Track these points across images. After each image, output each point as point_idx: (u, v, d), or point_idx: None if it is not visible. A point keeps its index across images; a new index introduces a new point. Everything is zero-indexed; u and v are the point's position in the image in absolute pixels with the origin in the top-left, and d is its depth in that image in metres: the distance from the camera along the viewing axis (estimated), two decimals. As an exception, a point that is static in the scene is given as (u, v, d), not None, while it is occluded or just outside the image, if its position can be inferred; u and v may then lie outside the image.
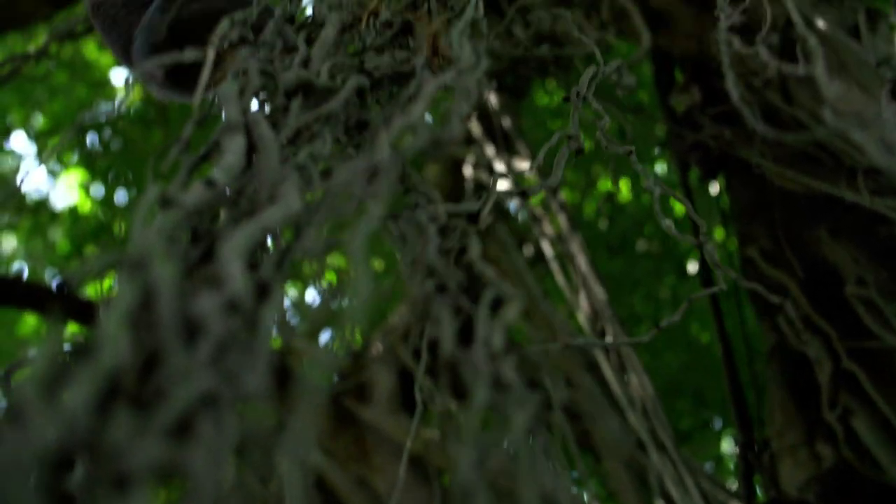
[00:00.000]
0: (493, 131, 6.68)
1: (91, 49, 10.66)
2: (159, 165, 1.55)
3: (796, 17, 2.73)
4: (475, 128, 6.53)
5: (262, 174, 1.45)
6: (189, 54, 1.80)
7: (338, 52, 2.19)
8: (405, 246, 1.65)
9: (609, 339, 5.78)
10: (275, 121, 1.74)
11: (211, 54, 1.79)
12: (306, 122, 1.70)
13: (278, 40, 2.04)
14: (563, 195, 8.33)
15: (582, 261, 6.39)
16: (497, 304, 1.31)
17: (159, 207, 1.36)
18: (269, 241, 1.59)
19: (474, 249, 1.55)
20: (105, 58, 10.95)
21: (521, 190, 2.17)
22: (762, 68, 4.95)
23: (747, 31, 2.91)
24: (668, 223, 2.25)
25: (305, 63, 1.98)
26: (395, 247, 1.73)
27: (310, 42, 2.13)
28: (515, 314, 1.30)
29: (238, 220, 1.50)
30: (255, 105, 1.78)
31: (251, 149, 1.58)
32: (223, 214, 1.51)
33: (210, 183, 1.39)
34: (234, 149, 1.47)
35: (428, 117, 1.92)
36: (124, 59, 3.02)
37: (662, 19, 6.61)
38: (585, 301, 6.16)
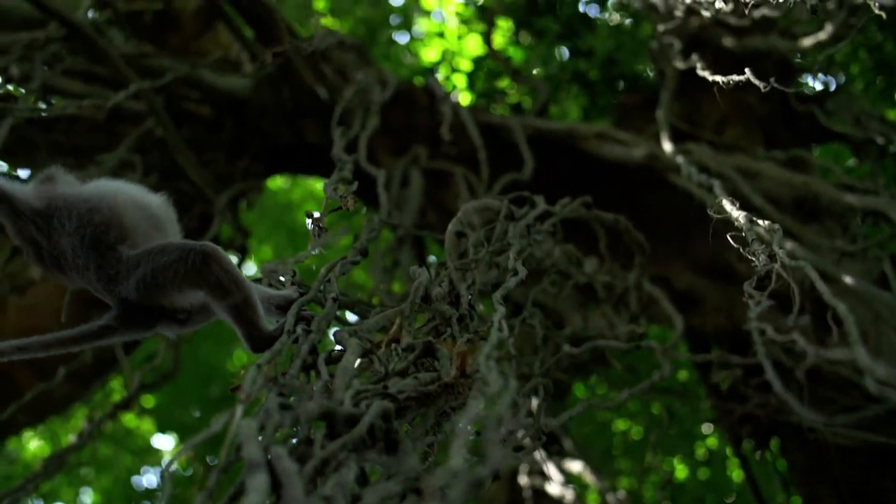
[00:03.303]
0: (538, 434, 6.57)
1: (130, 418, 10.76)
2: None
3: (821, 287, 2.71)
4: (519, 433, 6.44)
5: (290, 510, 1.40)
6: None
7: (360, 377, 2.19)
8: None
9: None
10: (301, 452, 1.71)
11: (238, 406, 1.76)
12: (331, 451, 1.67)
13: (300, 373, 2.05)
14: (621, 484, 8.15)
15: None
16: None
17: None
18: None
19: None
20: (146, 424, 11.03)
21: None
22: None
23: (776, 298, 2.88)
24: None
25: (327, 391, 1.97)
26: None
27: (330, 362, 2.14)
28: None
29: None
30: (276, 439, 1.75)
31: (277, 484, 1.54)
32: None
33: (237, 527, 1.34)
34: (256, 487, 1.43)
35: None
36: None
37: (691, 300, 6.64)
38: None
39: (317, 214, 3.18)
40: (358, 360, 2.24)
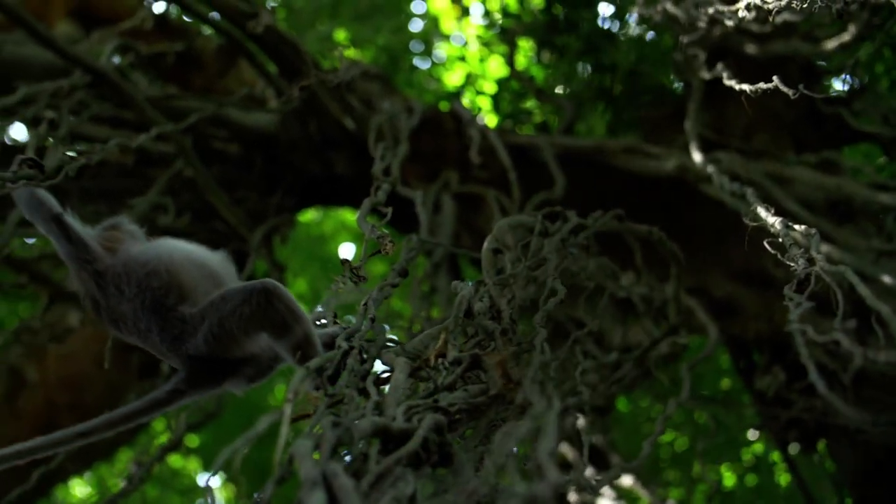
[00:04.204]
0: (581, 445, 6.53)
1: (176, 459, 10.79)
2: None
3: (863, 291, 2.70)
4: (567, 452, 6.42)
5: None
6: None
7: (411, 394, 2.21)
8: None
9: None
10: (355, 469, 1.73)
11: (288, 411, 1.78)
12: (387, 466, 1.68)
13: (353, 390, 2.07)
14: (671, 494, 8.10)
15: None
16: None
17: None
18: None
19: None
20: (191, 463, 11.06)
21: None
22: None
23: (814, 301, 2.87)
24: None
25: (379, 408, 1.99)
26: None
27: (379, 384, 2.16)
28: None
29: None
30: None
31: (333, 501, 1.56)
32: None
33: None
34: (314, 504, 1.45)
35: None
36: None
37: (730, 308, 6.61)
38: None
39: (350, 250, 3.22)
40: (406, 378, 2.26)
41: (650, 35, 8.80)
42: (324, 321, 3.46)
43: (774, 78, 3.88)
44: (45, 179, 3.42)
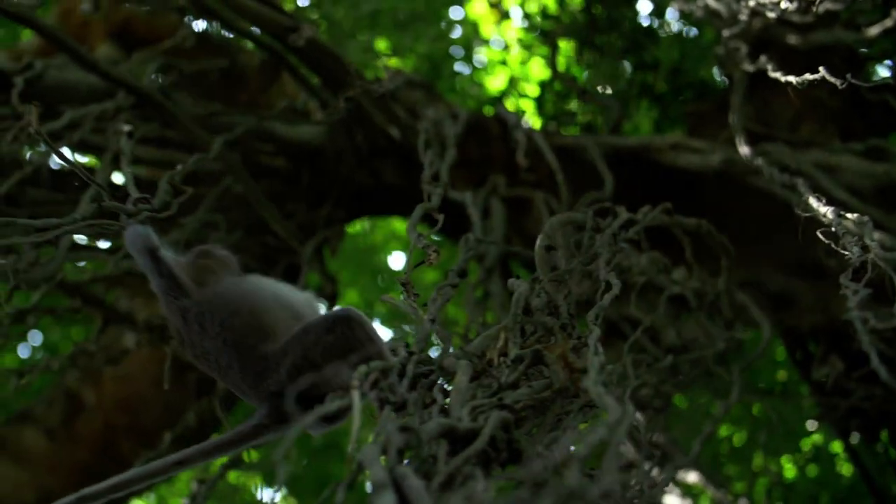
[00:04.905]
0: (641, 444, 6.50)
1: (235, 474, 10.83)
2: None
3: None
4: (629, 450, 6.40)
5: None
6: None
7: (475, 394, 2.22)
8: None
9: None
10: (425, 470, 1.73)
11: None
12: (456, 466, 1.69)
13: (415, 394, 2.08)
14: (735, 488, 8.05)
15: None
16: None
17: None
18: None
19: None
20: (251, 479, 11.10)
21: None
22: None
23: (873, 287, 2.86)
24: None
25: (444, 410, 2.01)
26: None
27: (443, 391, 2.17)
28: None
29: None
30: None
31: (405, 502, 1.57)
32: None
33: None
34: (384, 507, 1.46)
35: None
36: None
37: (785, 300, 6.56)
38: None
39: (401, 260, 3.25)
40: (470, 380, 2.27)
41: (692, 31, 8.78)
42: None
43: (821, 69, 3.88)
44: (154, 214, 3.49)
